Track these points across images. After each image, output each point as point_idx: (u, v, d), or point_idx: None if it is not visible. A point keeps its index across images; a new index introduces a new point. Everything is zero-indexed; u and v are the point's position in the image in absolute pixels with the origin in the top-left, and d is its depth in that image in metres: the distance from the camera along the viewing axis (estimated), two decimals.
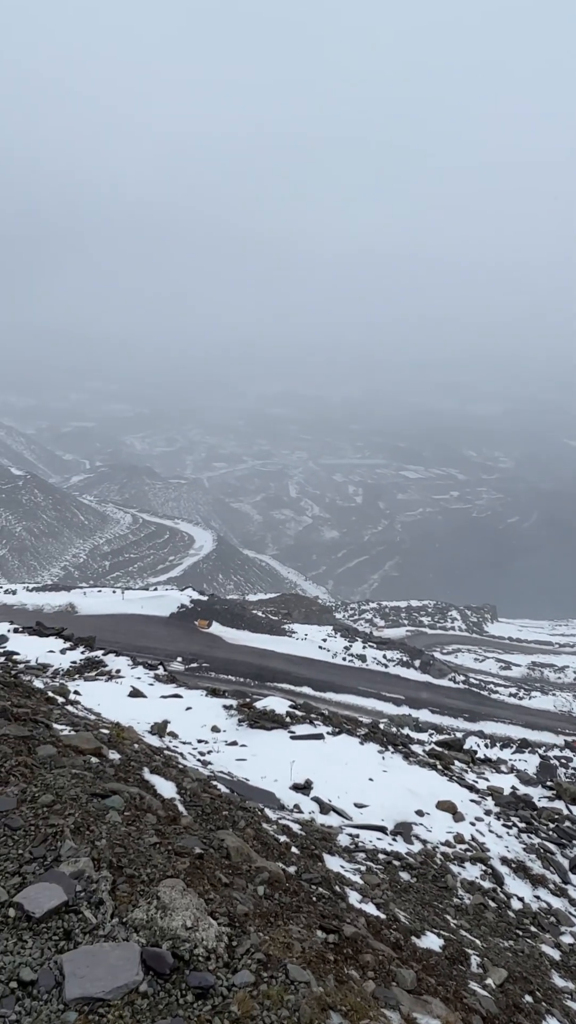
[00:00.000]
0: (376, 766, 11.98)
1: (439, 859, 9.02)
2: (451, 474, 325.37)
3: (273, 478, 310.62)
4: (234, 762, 10.87)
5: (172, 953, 3.06)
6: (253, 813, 7.37)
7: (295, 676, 49.71)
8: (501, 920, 7.96)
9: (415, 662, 61.70)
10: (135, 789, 5.32)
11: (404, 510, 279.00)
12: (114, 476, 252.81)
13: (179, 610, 63.71)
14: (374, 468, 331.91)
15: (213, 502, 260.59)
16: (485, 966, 6.06)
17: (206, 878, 4.02)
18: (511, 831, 10.67)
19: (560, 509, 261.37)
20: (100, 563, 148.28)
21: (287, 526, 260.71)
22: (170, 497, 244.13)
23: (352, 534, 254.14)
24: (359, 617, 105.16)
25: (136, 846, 4.00)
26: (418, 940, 5.87)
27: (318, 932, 4.22)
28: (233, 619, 64.52)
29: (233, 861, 4.76)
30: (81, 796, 4.42)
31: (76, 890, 3.33)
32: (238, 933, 3.41)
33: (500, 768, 14.76)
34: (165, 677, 15.78)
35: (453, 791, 11.60)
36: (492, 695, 60.09)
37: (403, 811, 10.21)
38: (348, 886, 6.51)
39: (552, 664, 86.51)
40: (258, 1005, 2.95)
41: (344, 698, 46.72)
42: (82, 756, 5.96)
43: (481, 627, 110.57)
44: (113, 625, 53.24)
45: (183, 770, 7.92)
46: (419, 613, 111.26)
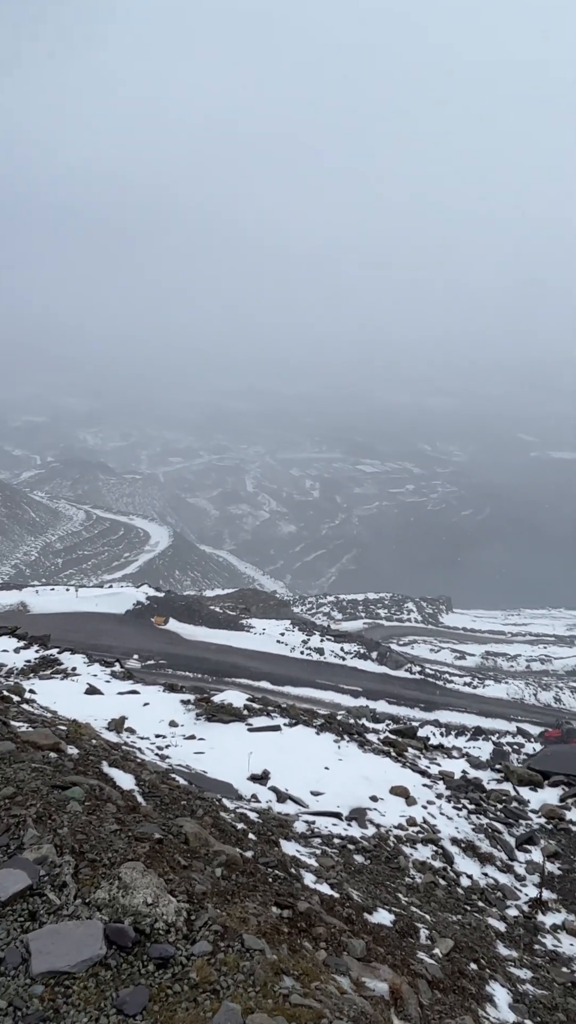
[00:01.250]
0: (332, 755, 12.28)
1: (392, 841, 9.36)
2: (406, 468, 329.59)
3: (230, 473, 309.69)
4: (192, 755, 11.02)
5: (134, 928, 3.25)
6: (211, 803, 7.56)
7: (253, 671, 49.96)
8: (450, 896, 8.33)
9: (372, 654, 62.57)
10: (94, 781, 5.45)
11: (361, 504, 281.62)
12: (66, 472, 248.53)
13: (135, 607, 63.28)
14: (331, 462, 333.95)
15: (169, 497, 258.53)
16: (433, 938, 6.39)
17: (165, 861, 4.20)
18: (461, 813, 11.09)
19: (512, 502, 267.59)
20: (53, 560, 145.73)
21: (244, 521, 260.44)
22: (124, 493, 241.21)
23: (309, 528, 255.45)
24: (317, 611, 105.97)
25: (97, 833, 4.16)
26: (370, 916, 6.16)
27: (273, 908, 4.44)
28: (190, 615, 64.38)
29: (191, 846, 4.95)
30: (42, 788, 4.54)
31: (40, 874, 3.48)
32: (196, 908, 3.61)
33: (452, 754, 15.26)
34: (122, 674, 15.80)
35: (406, 776, 11.97)
36: (447, 684, 61.42)
37: (358, 797, 10.53)
38: (303, 868, 6.76)
39: (505, 653, 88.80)
40: (215, 971, 3.16)
41: (303, 691, 47.17)
42: (41, 751, 6.06)
43: (436, 618, 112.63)
44: (67, 623, 52.59)
45: (141, 763, 8.05)
46: (376, 606, 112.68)
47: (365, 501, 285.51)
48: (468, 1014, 4.57)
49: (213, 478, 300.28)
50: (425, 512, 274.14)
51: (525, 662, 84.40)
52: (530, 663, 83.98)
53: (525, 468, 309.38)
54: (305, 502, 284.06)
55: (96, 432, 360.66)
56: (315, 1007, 3.07)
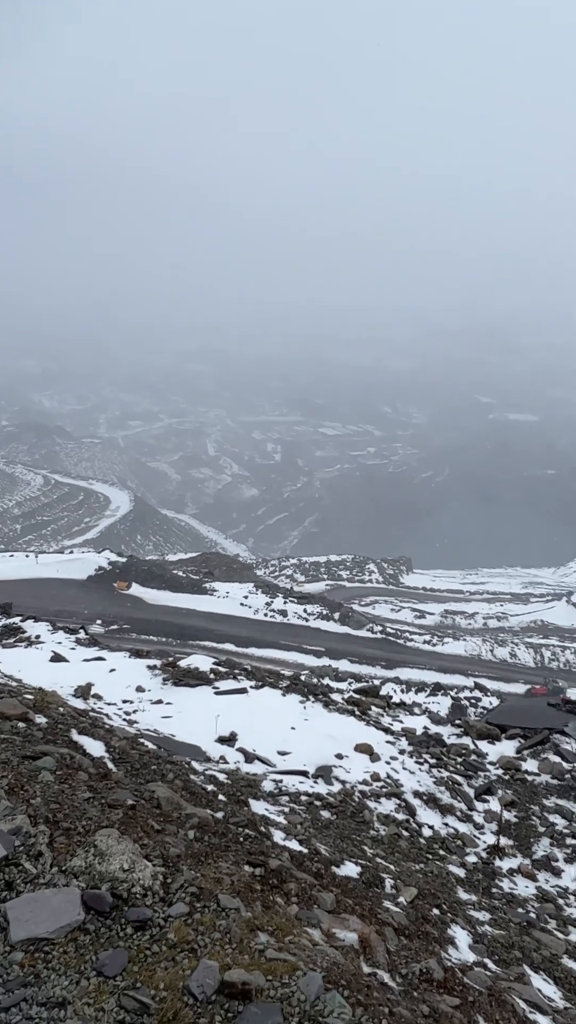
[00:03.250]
0: (298, 715, 12.54)
1: (357, 797, 9.66)
2: (368, 431, 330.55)
3: (191, 436, 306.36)
4: (160, 720, 11.13)
5: (111, 893, 3.31)
6: (180, 766, 7.67)
7: (218, 633, 50.28)
8: (413, 847, 8.68)
9: (334, 615, 63.49)
10: (65, 750, 5.47)
11: (322, 467, 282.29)
12: (22, 436, 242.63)
13: (97, 572, 62.80)
14: (292, 425, 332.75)
15: (129, 462, 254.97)
16: (398, 887, 6.66)
17: (139, 826, 4.27)
18: (423, 767, 11.48)
19: (470, 464, 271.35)
20: (10, 526, 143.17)
21: (206, 485, 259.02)
22: (83, 457, 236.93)
23: (271, 491, 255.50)
24: (280, 573, 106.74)
25: (70, 801, 4.19)
26: (337, 869, 6.39)
27: (246, 867, 4.57)
28: (153, 579, 64.20)
29: (164, 810, 5.03)
30: (12, 759, 4.54)
31: (15, 845, 3.50)
32: (172, 872, 3.69)
33: (413, 711, 15.72)
34: (87, 641, 15.75)
35: (370, 734, 12.32)
36: (407, 643, 62.84)
37: (324, 755, 10.80)
38: (273, 826, 6.95)
39: (463, 611, 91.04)
40: (192, 931, 3.25)
41: (267, 652, 47.72)
42: (9, 722, 6.04)
43: (397, 579, 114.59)
44: (27, 590, 51.95)
45: (110, 730, 8.10)
46: (338, 567, 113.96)
47: (327, 464, 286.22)
48: (432, 957, 4.80)
49: (173, 442, 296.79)
50: (386, 474, 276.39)
51: (482, 620, 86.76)
52: (487, 620, 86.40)
53: (483, 430, 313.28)
54: (267, 465, 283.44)
55: (52, 395, 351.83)
56: (289, 960, 3.19)
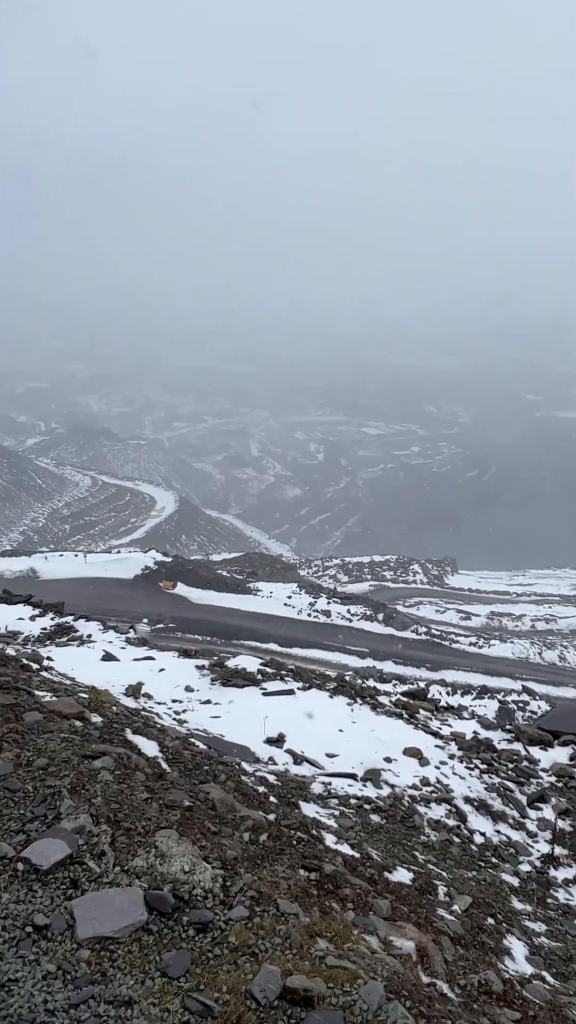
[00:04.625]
0: (345, 718, 12.49)
1: (407, 801, 9.58)
2: (411, 430, 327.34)
3: (234, 437, 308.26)
4: (209, 719, 11.23)
5: (173, 895, 3.35)
6: (231, 767, 7.72)
7: (261, 633, 50.47)
8: (465, 854, 8.56)
9: (378, 615, 63.07)
10: (121, 749, 5.57)
11: (365, 466, 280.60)
12: (71, 438, 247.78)
13: (143, 572, 63.72)
14: (335, 425, 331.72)
15: (174, 462, 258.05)
16: (451, 894, 6.58)
17: (196, 828, 4.31)
18: (473, 772, 11.31)
19: (517, 463, 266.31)
20: (60, 526, 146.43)
21: (249, 485, 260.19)
22: (130, 458, 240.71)
23: (314, 491, 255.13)
24: (323, 573, 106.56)
25: (129, 802, 4.26)
26: (390, 875, 6.34)
27: (301, 871, 4.57)
28: (198, 579, 64.81)
29: (219, 811, 5.07)
30: (72, 758, 4.64)
31: (78, 844, 3.58)
32: (231, 875, 3.72)
33: (462, 714, 15.50)
34: (136, 640, 16.00)
35: (419, 738, 12.19)
36: (453, 645, 62.00)
37: (372, 758, 10.74)
38: (324, 829, 6.94)
39: (510, 613, 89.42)
40: (253, 935, 3.27)
41: (310, 653, 47.68)
42: (67, 720, 6.17)
43: (442, 580, 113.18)
44: (77, 589, 53.06)
45: (162, 729, 8.21)
46: (381, 568, 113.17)
47: (370, 463, 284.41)
48: (490, 968, 4.72)
49: (217, 442, 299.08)
50: (430, 474, 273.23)
51: (530, 622, 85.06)
52: (535, 623, 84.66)
53: (531, 428, 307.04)
54: (310, 465, 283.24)
55: (99, 397, 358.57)
56: (350, 968, 3.18)
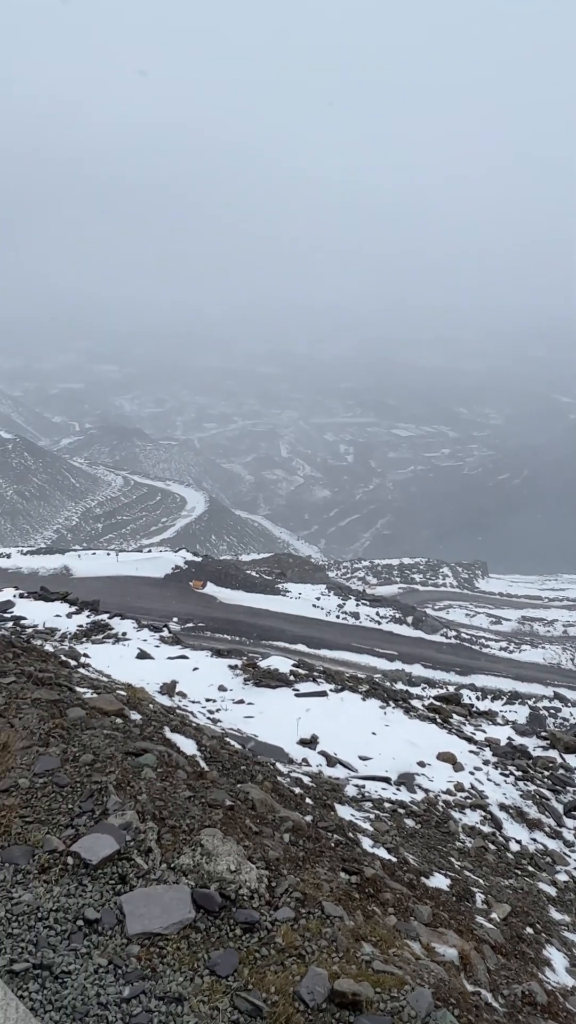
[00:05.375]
0: (378, 721, 12.43)
1: (441, 806, 9.49)
2: (442, 431, 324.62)
3: (264, 438, 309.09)
4: (243, 719, 11.27)
5: (220, 893, 3.37)
6: (267, 767, 7.74)
7: (290, 634, 50.52)
8: (501, 861, 8.45)
9: (407, 618, 62.68)
10: (161, 747, 5.62)
11: (395, 468, 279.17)
12: (104, 438, 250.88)
13: (174, 571, 64.24)
14: (365, 427, 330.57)
15: (204, 463, 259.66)
16: (489, 902, 6.50)
17: (239, 827, 4.33)
18: (508, 779, 11.17)
19: (549, 465, 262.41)
20: (93, 525, 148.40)
21: (279, 486, 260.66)
22: (161, 459, 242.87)
23: (343, 493, 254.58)
24: (352, 575, 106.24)
25: (173, 799, 4.30)
26: (427, 880, 6.29)
27: (342, 874, 4.56)
28: (227, 579, 65.14)
29: (259, 812, 5.09)
30: (116, 755, 4.70)
31: (126, 840, 3.62)
32: (275, 875, 3.73)
33: (496, 720, 15.32)
34: (170, 639, 16.13)
35: (452, 743, 12.08)
36: (483, 649, 61.36)
37: (405, 762, 10.67)
38: (360, 832, 6.92)
39: (542, 618, 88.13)
40: (300, 937, 3.27)
41: (338, 655, 47.61)
42: (108, 717, 6.25)
43: (472, 583, 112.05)
44: (109, 587, 53.70)
45: (199, 728, 8.26)
46: (411, 570, 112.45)
47: (400, 465, 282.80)
48: (532, 979, 4.66)
49: (247, 443, 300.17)
50: (461, 476, 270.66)
51: (562, 627, 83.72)
52: (567, 628, 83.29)
53: (564, 431, 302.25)
54: (339, 467, 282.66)
55: (132, 398, 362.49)
56: (397, 973, 3.17)
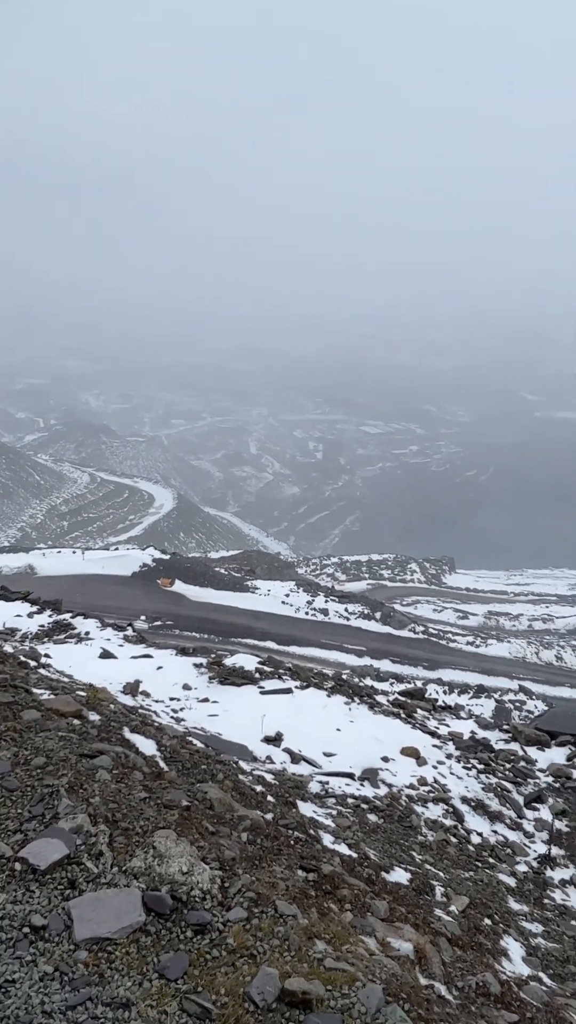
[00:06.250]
0: (343, 717, 12.48)
1: (404, 801, 9.58)
2: (410, 428, 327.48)
3: (233, 435, 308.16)
4: (207, 718, 11.21)
5: (171, 896, 3.34)
6: (229, 766, 7.71)
7: (259, 631, 50.46)
8: (462, 854, 8.56)
9: (376, 614, 63.10)
10: (119, 748, 5.55)
11: (364, 465, 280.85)
12: (70, 434, 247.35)
13: (141, 569, 63.67)
14: (334, 423, 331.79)
15: (172, 460, 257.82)
16: (448, 895, 6.57)
17: (194, 828, 4.30)
18: (471, 772, 11.32)
19: (516, 462, 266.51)
20: (58, 523, 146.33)
21: (248, 483, 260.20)
22: (128, 455, 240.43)
23: (313, 490, 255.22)
24: (321, 572, 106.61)
25: (127, 801, 4.25)
26: (387, 875, 6.33)
27: (299, 872, 4.56)
28: (196, 577, 64.79)
29: (217, 811, 5.06)
30: (70, 757, 4.62)
31: (76, 844, 3.56)
32: (229, 875, 3.71)
33: (460, 714, 15.51)
34: (134, 638, 15.99)
35: (416, 737, 12.19)
36: (450, 644, 62.07)
37: (369, 758, 10.73)
38: (321, 829, 6.93)
39: (508, 612, 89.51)
40: (252, 937, 3.26)
41: (308, 651, 47.70)
42: (65, 719, 6.15)
43: (440, 579, 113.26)
44: (74, 586, 52.98)
45: (160, 728, 8.19)
46: (379, 567, 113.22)
47: (368, 462, 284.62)
48: (488, 970, 4.72)
49: (216, 440, 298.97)
50: (429, 473, 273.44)
51: (527, 621, 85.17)
52: (532, 622, 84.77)
53: (530, 428, 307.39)
54: (308, 464, 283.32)
55: (98, 394, 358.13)
56: (348, 970, 3.17)
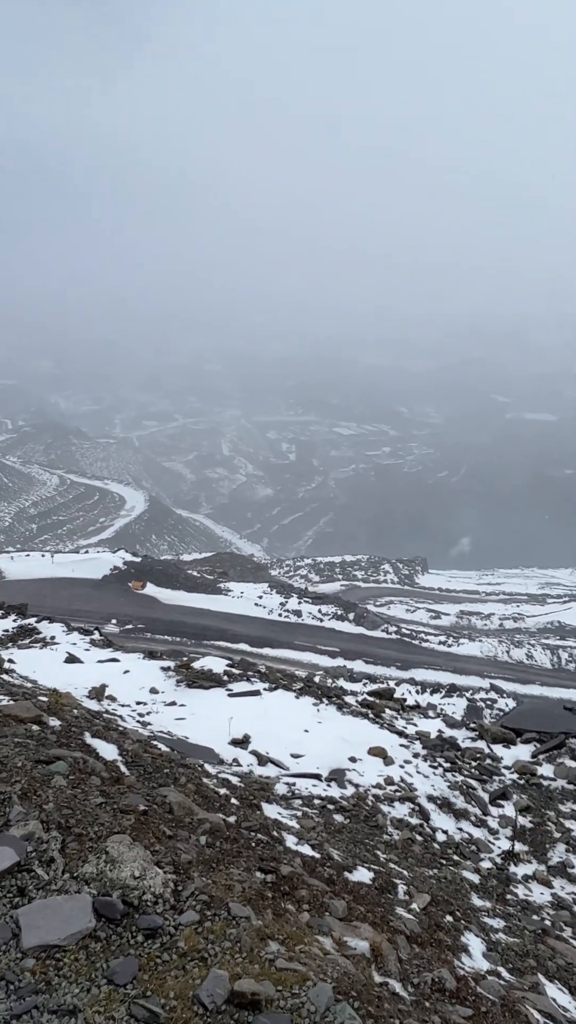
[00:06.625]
0: (311, 718, 12.52)
1: (371, 800, 9.63)
2: (383, 430, 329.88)
3: (205, 436, 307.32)
4: (173, 721, 11.16)
5: (122, 900, 3.32)
6: (193, 769, 7.68)
7: (232, 634, 50.39)
8: (427, 852, 8.63)
9: (349, 615, 63.42)
10: (78, 754, 5.50)
11: (337, 467, 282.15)
12: (39, 436, 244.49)
13: (112, 572, 63.15)
14: (307, 425, 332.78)
15: (144, 461, 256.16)
16: (411, 893, 6.63)
17: (151, 832, 4.28)
18: (437, 771, 11.42)
19: (487, 464, 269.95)
20: (27, 526, 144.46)
21: (221, 484, 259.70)
22: (99, 457, 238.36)
23: (286, 491, 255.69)
24: (294, 573, 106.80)
25: (83, 807, 4.21)
26: (350, 875, 6.37)
27: (257, 873, 4.57)
28: (168, 579, 64.47)
29: (176, 815, 5.04)
30: (26, 764, 4.57)
31: (27, 851, 3.52)
32: (183, 879, 3.70)
33: (428, 713, 15.65)
34: (101, 642, 15.84)
35: (384, 737, 12.27)
36: (423, 644, 62.61)
37: (337, 758, 10.78)
38: (285, 831, 6.94)
39: (479, 612, 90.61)
40: (203, 940, 3.26)
41: (281, 653, 47.77)
42: (23, 725, 6.08)
43: (412, 579, 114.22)
44: (43, 590, 52.37)
45: (123, 732, 8.14)
46: (353, 568, 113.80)
47: (342, 464, 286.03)
48: (444, 966, 4.77)
49: (188, 442, 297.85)
50: (401, 474, 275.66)
51: (498, 620, 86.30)
52: (503, 621, 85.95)
53: (500, 430, 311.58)
54: (282, 465, 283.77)
55: (68, 395, 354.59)
56: (300, 970, 3.19)
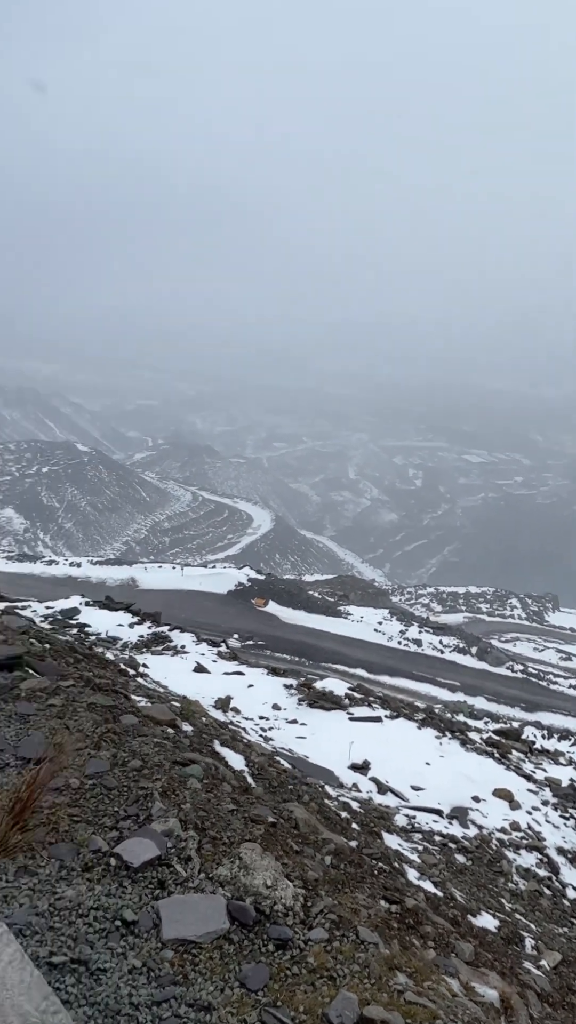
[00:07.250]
0: (433, 751, 12.16)
1: (495, 844, 9.18)
2: (516, 459, 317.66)
3: (332, 459, 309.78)
4: (294, 739, 11.24)
5: (255, 907, 3.39)
6: (315, 789, 7.70)
7: (350, 657, 49.98)
8: (556, 907, 8.09)
9: (472, 649, 61.03)
10: (209, 760, 5.69)
11: (465, 495, 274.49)
12: (175, 454, 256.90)
13: (236, 588, 64.77)
14: (436, 451, 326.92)
15: (272, 482, 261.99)
16: (539, 948, 6.24)
17: (279, 845, 4.34)
18: (568, 822, 10.71)
19: None
20: (160, 539, 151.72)
21: (345, 507, 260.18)
22: (229, 476, 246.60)
23: (411, 517, 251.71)
24: (415, 601, 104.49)
25: (216, 811, 4.35)
26: (474, 918, 6.10)
27: (382, 902, 4.50)
28: (289, 599, 65.16)
29: (302, 831, 5.08)
30: (164, 763, 4.79)
31: (167, 846, 3.69)
32: (312, 895, 3.72)
33: (558, 759, 14.72)
34: (228, 655, 16.30)
35: (510, 779, 11.68)
36: (551, 686, 58.96)
37: (459, 796, 10.38)
38: (406, 863, 6.77)
39: None
40: (332, 959, 3.25)
41: (398, 682, 46.74)
42: (160, 727, 6.38)
43: (542, 616, 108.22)
44: (173, 600, 54.61)
45: (249, 744, 8.31)
46: (477, 600, 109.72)
47: (470, 492, 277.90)
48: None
49: (315, 464, 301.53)
50: (534, 505, 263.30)
51: None
52: None
53: None
54: (407, 491, 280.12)
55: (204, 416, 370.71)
56: (430, 1007, 3.10)
